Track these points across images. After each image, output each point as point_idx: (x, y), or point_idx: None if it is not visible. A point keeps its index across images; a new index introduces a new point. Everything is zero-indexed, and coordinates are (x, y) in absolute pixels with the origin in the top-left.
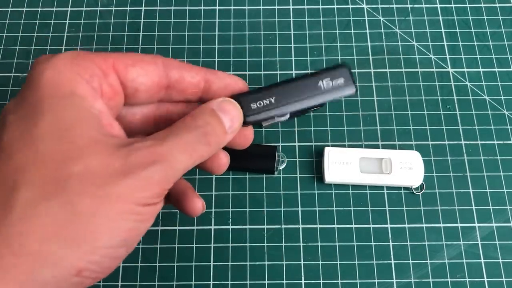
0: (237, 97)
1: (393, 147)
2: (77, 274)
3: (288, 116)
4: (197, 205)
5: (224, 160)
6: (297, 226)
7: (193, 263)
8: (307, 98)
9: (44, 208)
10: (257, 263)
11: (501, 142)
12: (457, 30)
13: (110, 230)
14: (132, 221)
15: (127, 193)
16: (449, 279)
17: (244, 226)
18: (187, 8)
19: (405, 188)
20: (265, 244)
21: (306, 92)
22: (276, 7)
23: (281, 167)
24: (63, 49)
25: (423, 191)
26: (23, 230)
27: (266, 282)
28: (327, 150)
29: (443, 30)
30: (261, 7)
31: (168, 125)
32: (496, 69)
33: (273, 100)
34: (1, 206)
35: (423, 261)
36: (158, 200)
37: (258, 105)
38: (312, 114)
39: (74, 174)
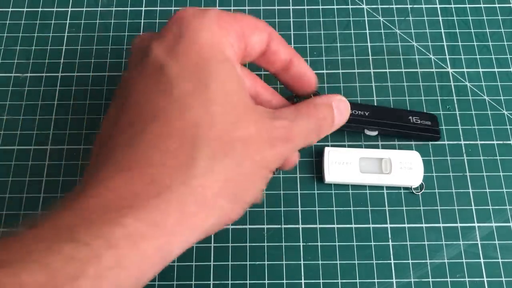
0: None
1: (392, 147)
2: (226, 223)
3: (376, 132)
4: (295, 159)
5: (297, 158)
6: (297, 226)
7: (193, 263)
8: (397, 123)
9: (219, 166)
10: (257, 263)
11: (501, 142)
12: (457, 31)
13: (255, 189)
14: (264, 184)
15: (270, 161)
16: (448, 279)
17: (244, 226)
18: None
19: (405, 188)
20: (265, 244)
21: (396, 119)
22: (276, 7)
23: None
24: (64, 50)
25: (422, 191)
26: (204, 184)
27: (266, 282)
28: (327, 150)
29: (442, 31)
30: (261, 8)
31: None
32: (496, 69)
33: (367, 113)
34: (186, 157)
35: (423, 261)
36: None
37: (354, 112)
38: None
39: (240, 138)
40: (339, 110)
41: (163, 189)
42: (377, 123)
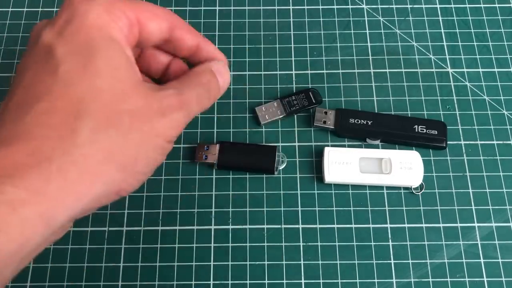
0: (340, 110)
1: (392, 147)
2: (117, 193)
3: (378, 141)
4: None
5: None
6: (297, 226)
7: (193, 263)
8: (400, 132)
9: (103, 136)
10: (257, 263)
11: (501, 142)
12: (457, 31)
13: (146, 159)
14: (160, 154)
15: (162, 131)
16: (448, 279)
17: (244, 226)
18: (187, 8)
19: (405, 188)
20: (265, 244)
21: (400, 129)
22: (276, 7)
23: (281, 167)
24: None
25: (422, 191)
26: (87, 153)
27: (266, 282)
28: (327, 150)
29: (442, 31)
30: (261, 8)
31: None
32: (496, 69)
33: (369, 123)
34: (68, 130)
35: (423, 261)
36: (175, 139)
37: (356, 121)
38: (310, 113)
39: (126, 110)
40: (219, 72)
41: (44, 159)
42: (380, 133)
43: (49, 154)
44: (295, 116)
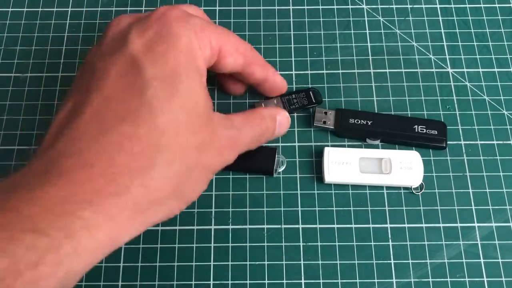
0: (340, 110)
1: (392, 147)
2: (169, 217)
3: (378, 141)
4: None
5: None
6: (297, 226)
7: (193, 263)
8: (400, 132)
9: (174, 171)
10: (257, 263)
11: (501, 142)
12: (457, 31)
13: (199, 190)
14: (206, 184)
15: (216, 167)
16: (448, 279)
17: (244, 226)
18: None
19: (405, 188)
20: (265, 244)
21: (400, 129)
22: (276, 7)
23: (281, 169)
24: (63, 49)
25: (422, 191)
26: (160, 187)
27: (266, 282)
28: (327, 150)
29: (442, 31)
30: (261, 8)
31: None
32: (496, 69)
33: (369, 123)
34: (147, 162)
35: (423, 261)
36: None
37: (356, 122)
38: (311, 113)
39: (196, 145)
40: (280, 123)
41: (122, 189)
42: (380, 133)
43: (127, 184)
44: (295, 116)
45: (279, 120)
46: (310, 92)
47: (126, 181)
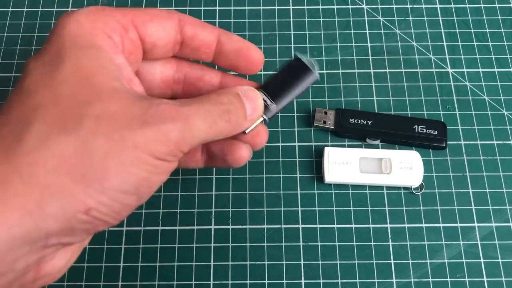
0: (340, 110)
1: (392, 147)
2: (86, 212)
3: (378, 141)
4: (242, 153)
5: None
6: (297, 226)
7: (193, 263)
8: (400, 132)
9: (56, 142)
10: (257, 263)
11: (501, 142)
12: (457, 31)
13: (121, 174)
14: (145, 171)
15: (143, 143)
16: (448, 279)
17: (244, 226)
18: (187, 8)
19: (405, 188)
20: (265, 244)
21: (400, 129)
22: (276, 7)
23: (316, 68)
24: None
25: (422, 191)
26: (32, 161)
27: (266, 282)
28: (327, 150)
29: (442, 31)
30: (261, 8)
31: (186, 90)
32: (496, 70)
33: (369, 123)
34: (14, 138)
35: (423, 261)
36: (172, 159)
37: (356, 121)
38: (311, 114)
39: (91, 114)
40: (248, 97)
41: None
42: (380, 133)
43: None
44: (295, 116)
45: (244, 94)
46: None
47: None
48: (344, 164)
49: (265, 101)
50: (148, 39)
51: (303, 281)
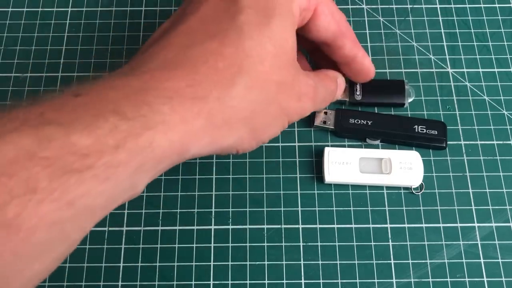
0: (340, 110)
1: (392, 147)
2: (236, 150)
3: (378, 141)
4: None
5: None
6: (297, 226)
7: (193, 263)
8: (400, 132)
9: (254, 97)
10: (257, 263)
11: (501, 142)
12: (457, 31)
13: (271, 131)
14: (279, 131)
15: (292, 112)
16: (448, 279)
17: (244, 226)
18: None
19: (405, 188)
20: (265, 244)
21: (400, 129)
22: None
23: (410, 99)
24: (63, 50)
25: (422, 191)
26: (235, 107)
27: (266, 282)
28: (327, 150)
29: (442, 31)
30: None
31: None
32: (496, 70)
33: (369, 123)
34: (228, 79)
35: (423, 261)
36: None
37: (356, 122)
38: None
39: (277, 81)
40: (340, 86)
41: (200, 96)
42: (380, 133)
43: (206, 94)
44: None
45: (339, 82)
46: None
47: (205, 90)
48: (344, 164)
49: (356, 90)
50: (309, 26)
51: (303, 281)
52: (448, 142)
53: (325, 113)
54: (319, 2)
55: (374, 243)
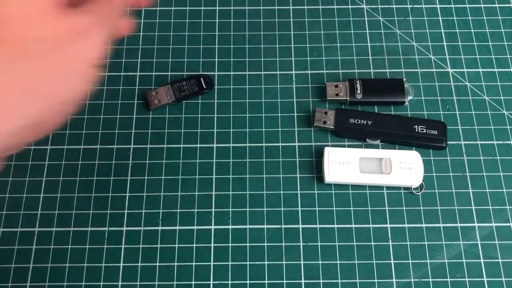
0: (340, 110)
1: (393, 147)
2: (36, 126)
3: (378, 141)
4: None
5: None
6: (297, 226)
7: (193, 263)
8: (400, 132)
9: (17, 66)
10: (257, 263)
11: (501, 142)
12: (457, 31)
13: (69, 88)
14: (83, 81)
15: (80, 54)
16: (448, 279)
17: (244, 226)
18: (187, 8)
19: (405, 188)
20: (265, 244)
21: (400, 129)
22: (276, 7)
23: (410, 97)
24: None
25: (422, 191)
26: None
27: (266, 282)
28: (327, 150)
29: (442, 31)
30: (261, 8)
31: None
32: (496, 69)
33: (369, 123)
34: None
35: (423, 261)
36: (99, 63)
37: (356, 121)
38: (311, 114)
39: (36, 38)
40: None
41: None
42: (380, 133)
43: None
44: (295, 116)
45: None
46: (201, 79)
47: None
48: (344, 164)
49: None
50: None
51: (303, 281)
52: (448, 142)
53: (325, 113)
54: None
55: (374, 243)
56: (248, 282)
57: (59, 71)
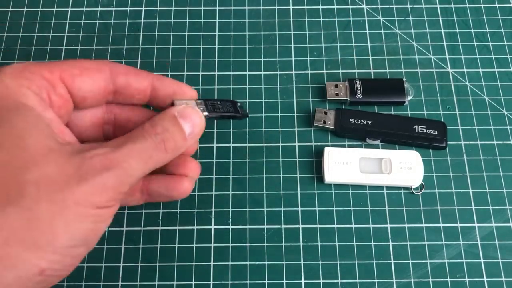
0: (340, 110)
1: (393, 147)
2: (40, 274)
3: (378, 141)
4: (186, 186)
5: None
6: (297, 226)
7: (193, 263)
8: (400, 132)
9: (3, 214)
10: (257, 263)
11: (501, 142)
12: (457, 31)
13: (69, 231)
14: (90, 222)
15: (82, 198)
16: (448, 279)
17: (244, 226)
18: (187, 8)
19: (405, 188)
20: (265, 244)
21: (400, 129)
22: (276, 7)
23: (410, 97)
24: (63, 50)
25: (422, 191)
26: None
27: (266, 282)
28: (327, 150)
29: (442, 31)
30: (261, 8)
31: (117, 130)
32: (496, 70)
33: (369, 123)
34: None
35: (423, 261)
36: (114, 203)
37: (356, 121)
38: (311, 113)
39: (30, 181)
40: (184, 116)
41: None
42: (380, 133)
43: None
44: (295, 116)
45: (180, 113)
46: (237, 105)
47: None
48: (344, 164)
49: (357, 89)
50: (77, 93)
51: (303, 281)
52: (448, 142)
53: (325, 113)
54: (60, 71)
55: (374, 243)
56: (248, 282)
57: (56, 215)
